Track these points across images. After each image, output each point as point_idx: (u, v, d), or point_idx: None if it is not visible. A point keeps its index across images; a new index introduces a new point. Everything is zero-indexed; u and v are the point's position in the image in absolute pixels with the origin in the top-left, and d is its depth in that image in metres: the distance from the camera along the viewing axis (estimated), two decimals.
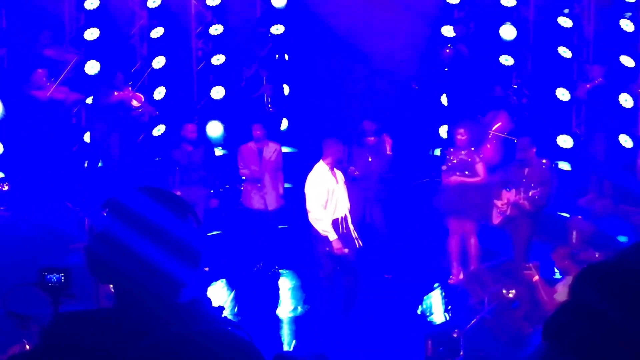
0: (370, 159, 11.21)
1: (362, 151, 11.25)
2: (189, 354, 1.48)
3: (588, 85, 12.64)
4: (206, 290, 10.52)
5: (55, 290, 3.44)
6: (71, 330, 2.28)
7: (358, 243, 9.91)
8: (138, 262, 2.28)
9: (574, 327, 1.92)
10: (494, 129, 12.87)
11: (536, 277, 9.27)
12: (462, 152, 11.07)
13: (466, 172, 11.03)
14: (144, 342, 1.52)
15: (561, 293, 9.11)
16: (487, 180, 11.12)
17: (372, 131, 11.24)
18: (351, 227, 9.88)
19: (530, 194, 10.50)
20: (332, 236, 9.63)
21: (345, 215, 9.84)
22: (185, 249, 2.33)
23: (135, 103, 12.42)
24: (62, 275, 3.43)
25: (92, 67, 12.86)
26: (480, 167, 11.10)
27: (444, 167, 11.18)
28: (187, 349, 1.49)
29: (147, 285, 2.30)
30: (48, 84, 12.21)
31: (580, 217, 11.88)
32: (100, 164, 12.83)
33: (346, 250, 9.73)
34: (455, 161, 11.07)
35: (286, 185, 12.01)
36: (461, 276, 11.26)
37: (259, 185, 11.39)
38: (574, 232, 11.50)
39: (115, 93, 12.27)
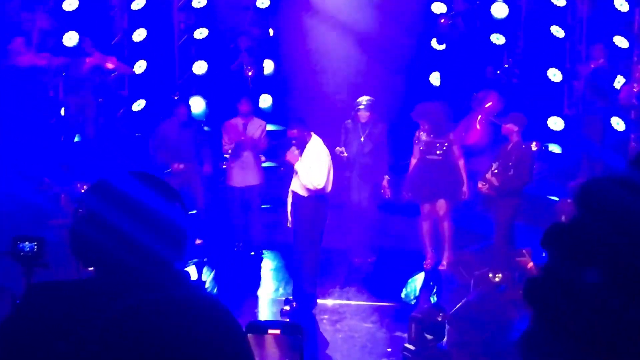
0: (362, 139, 10.90)
1: (353, 131, 10.95)
2: (162, 317, 1.41)
3: (592, 65, 12.33)
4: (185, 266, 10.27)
5: (28, 259, 3.27)
6: (45, 300, 2.23)
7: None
8: (124, 245, 2.27)
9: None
10: (484, 109, 12.58)
11: (530, 264, 8.98)
12: (433, 135, 10.78)
13: (437, 152, 10.73)
14: (116, 306, 1.45)
15: None
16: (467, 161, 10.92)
17: (366, 107, 10.90)
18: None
19: (494, 170, 10.23)
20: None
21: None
22: (171, 233, 2.32)
23: (109, 65, 12.09)
24: (35, 244, 3.26)
25: (71, 39, 12.49)
26: (455, 149, 10.81)
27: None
28: (160, 312, 1.42)
29: (130, 266, 2.28)
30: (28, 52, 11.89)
31: (569, 200, 11.61)
32: (76, 139, 12.49)
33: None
34: (425, 144, 10.77)
35: (269, 163, 11.75)
36: (444, 261, 10.98)
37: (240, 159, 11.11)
38: (563, 216, 11.25)
39: (87, 60, 11.92)
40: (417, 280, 11.01)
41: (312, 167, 9.62)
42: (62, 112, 12.65)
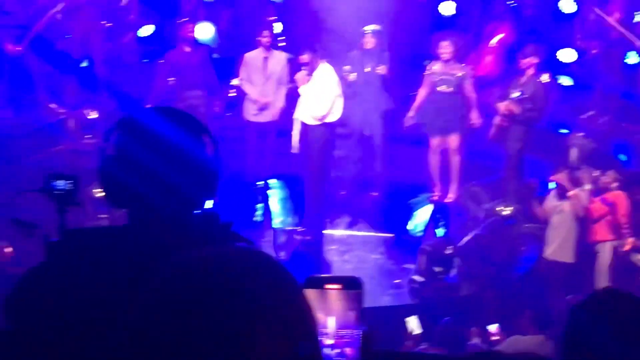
0: (368, 69, 10.76)
1: (359, 59, 10.81)
2: (214, 274, 1.34)
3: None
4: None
5: (62, 197, 3.20)
6: (79, 247, 2.19)
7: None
8: (153, 184, 2.23)
9: None
10: (495, 40, 12.41)
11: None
12: (447, 67, 10.64)
13: (446, 87, 10.60)
14: (164, 264, 1.38)
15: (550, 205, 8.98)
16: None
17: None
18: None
19: (514, 95, 10.17)
20: None
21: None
22: (200, 170, 2.28)
23: None
24: (69, 182, 3.18)
25: None
26: (468, 84, 10.67)
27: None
28: (212, 269, 1.35)
29: (162, 206, 2.25)
30: None
31: (580, 134, 11.53)
32: (84, 64, 12.33)
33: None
34: (436, 77, 10.62)
35: None
36: (451, 195, 10.92)
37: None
38: (574, 149, 11.19)
39: None
40: (425, 213, 10.98)
41: (321, 95, 9.52)
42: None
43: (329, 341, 2.07)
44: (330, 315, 2.06)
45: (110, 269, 2.11)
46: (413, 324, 7.77)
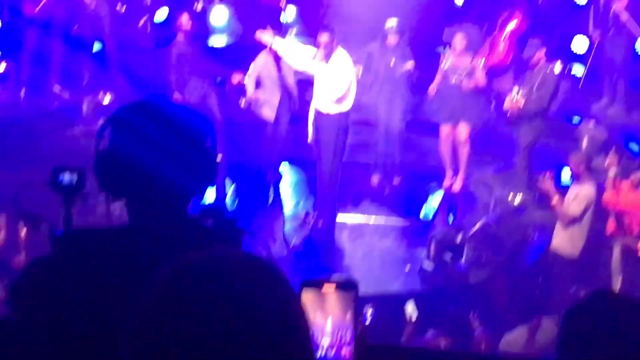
0: (392, 64, 10.80)
1: (380, 55, 10.86)
2: (214, 281, 1.38)
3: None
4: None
5: (68, 190, 3.25)
6: (85, 247, 2.23)
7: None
8: (150, 176, 2.25)
9: None
10: (508, 29, 12.43)
11: (552, 189, 8.98)
12: (460, 58, 10.72)
13: (461, 75, 10.67)
14: (165, 268, 1.41)
15: (570, 201, 8.87)
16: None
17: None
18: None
19: (517, 95, 10.19)
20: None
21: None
22: (196, 160, 2.31)
23: None
24: (75, 176, 3.23)
25: None
26: (480, 74, 10.74)
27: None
28: (212, 275, 1.39)
29: (159, 198, 2.28)
30: None
31: (592, 123, 11.57)
32: (98, 47, 12.38)
33: None
34: (449, 67, 10.70)
35: None
36: (457, 184, 10.99)
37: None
38: (585, 138, 11.23)
39: None
40: (436, 200, 11.05)
41: (338, 78, 9.55)
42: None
43: (326, 341, 2.16)
44: (327, 316, 2.16)
45: (113, 269, 2.15)
46: (410, 308, 7.80)
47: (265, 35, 9.86)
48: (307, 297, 2.13)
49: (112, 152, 2.28)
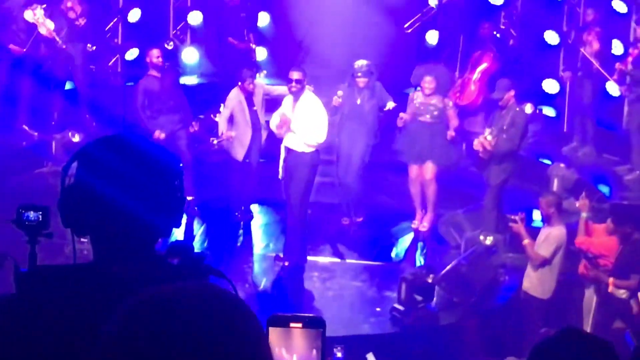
0: (358, 101, 10.76)
1: (349, 94, 10.80)
2: (177, 313, 1.35)
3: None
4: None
5: (33, 228, 3.28)
6: (49, 284, 2.17)
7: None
8: (115, 213, 2.20)
9: None
10: (479, 70, 12.52)
11: (522, 230, 8.93)
12: (429, 98, 10.74)
13: (428, 117, 10.69)
14: (127, 301, 1.40)
15: (541, 242, 8.83)
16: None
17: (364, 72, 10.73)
18: None
19: (488, 136, 10.18)
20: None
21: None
22: (163, 199, 2.25)
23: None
24: (39, 214, 3.26)
25: None
26: (452, 113, 10.76)
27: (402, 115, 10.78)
28: (174, 308, 1.36)
29: (125, 235, 2.23)
30: None
31: (562, 164, 11.61)
32: (68, 86, 12.32)
33: None
34: (418, 105, 10.72)
35: None
36: (425, 223, 10.96)
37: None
38: (555, 180, 11.26)
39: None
40: (407, 241, 11.01)
41: (314, 123, 9.51)
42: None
43: None
44: (292, 353, 2.10)
45: (77, 307, 2.10)
46: None
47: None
48: (274, 333, 2.08)
49: (77, 187, 2.22)
